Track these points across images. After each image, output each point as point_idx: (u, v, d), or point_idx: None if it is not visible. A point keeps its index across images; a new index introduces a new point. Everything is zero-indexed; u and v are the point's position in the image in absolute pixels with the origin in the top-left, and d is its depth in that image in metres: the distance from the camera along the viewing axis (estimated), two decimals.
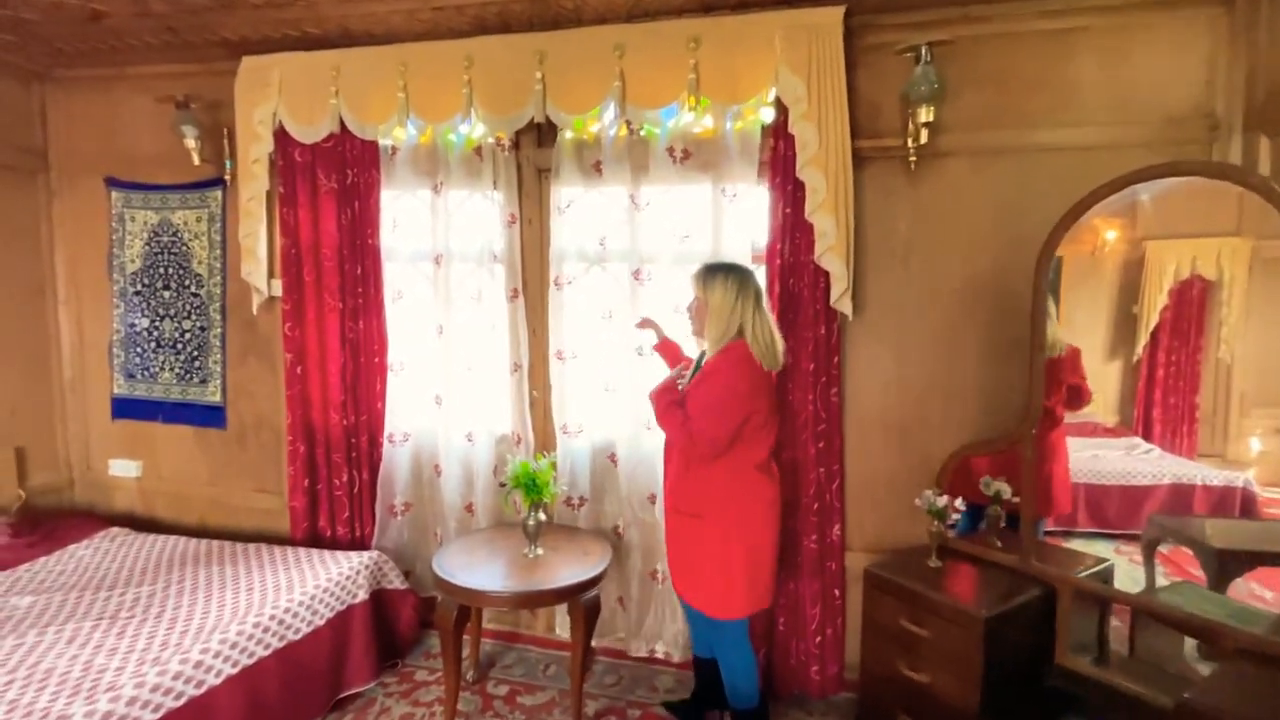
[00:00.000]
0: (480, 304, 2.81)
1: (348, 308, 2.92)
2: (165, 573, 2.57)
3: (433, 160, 2.84)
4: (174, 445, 3.30)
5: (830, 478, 2.51)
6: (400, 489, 2.91)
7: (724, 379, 1.98)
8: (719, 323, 2.00)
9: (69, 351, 3.37)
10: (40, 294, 3.29)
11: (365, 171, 2.84)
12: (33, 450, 3.26)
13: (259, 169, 2.90)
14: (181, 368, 3.23)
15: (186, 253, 3.19)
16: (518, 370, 2.80)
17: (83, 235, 3.31)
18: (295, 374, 2.97)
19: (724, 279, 2.02)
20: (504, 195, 2.76)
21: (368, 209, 2.85)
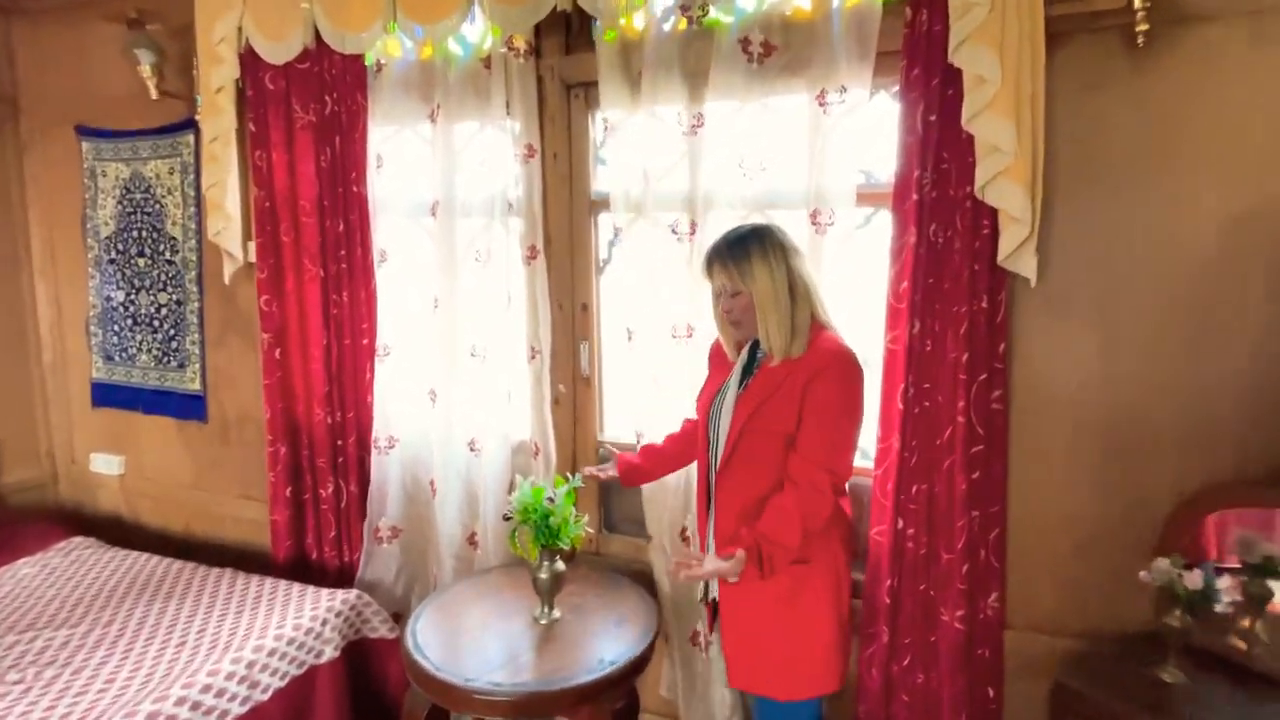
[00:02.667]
0: (488, 268, 1.98)
1: (330, 275, 2.16)
2: (98, 609, 1.95)
3: (429, 80, 2.02)
4: (157, 439, 2.66)
5: (987, 525, 1.56)
6: (390, 509, 2.13)
7: (843, 391, 1.35)
8: (781, 315, 1.34)
9: (47, 330, 2.77)
10: (14, 262, 2.71)
11: (348, 98, 2.05)
12: (10, 441, 2.70)
13: (224, 100, 2.16)
14: (159, 349, 2.57)
15: (160, 212, 2.50)
16: (536, 357, 1.96)
17: (57, 194, 2.69)
18: (274, 359, 2.24)
19: (761, 254, 1.35)
20: (521, 121, 1.90)
21: (351, 146, 2.07)
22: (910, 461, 1.61)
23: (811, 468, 1.30)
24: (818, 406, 1.30)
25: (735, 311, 1.38)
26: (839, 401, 1.31)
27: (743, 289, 1.34)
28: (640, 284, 1.85)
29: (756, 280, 1.32)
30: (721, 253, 1.36)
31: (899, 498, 1.62)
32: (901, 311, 1.57)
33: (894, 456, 1.61)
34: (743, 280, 1.33)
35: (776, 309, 1.32)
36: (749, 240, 1.35)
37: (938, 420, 1.58)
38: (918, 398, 1.59)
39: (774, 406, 1.32)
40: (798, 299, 1.33)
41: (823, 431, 1.30)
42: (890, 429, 1.61)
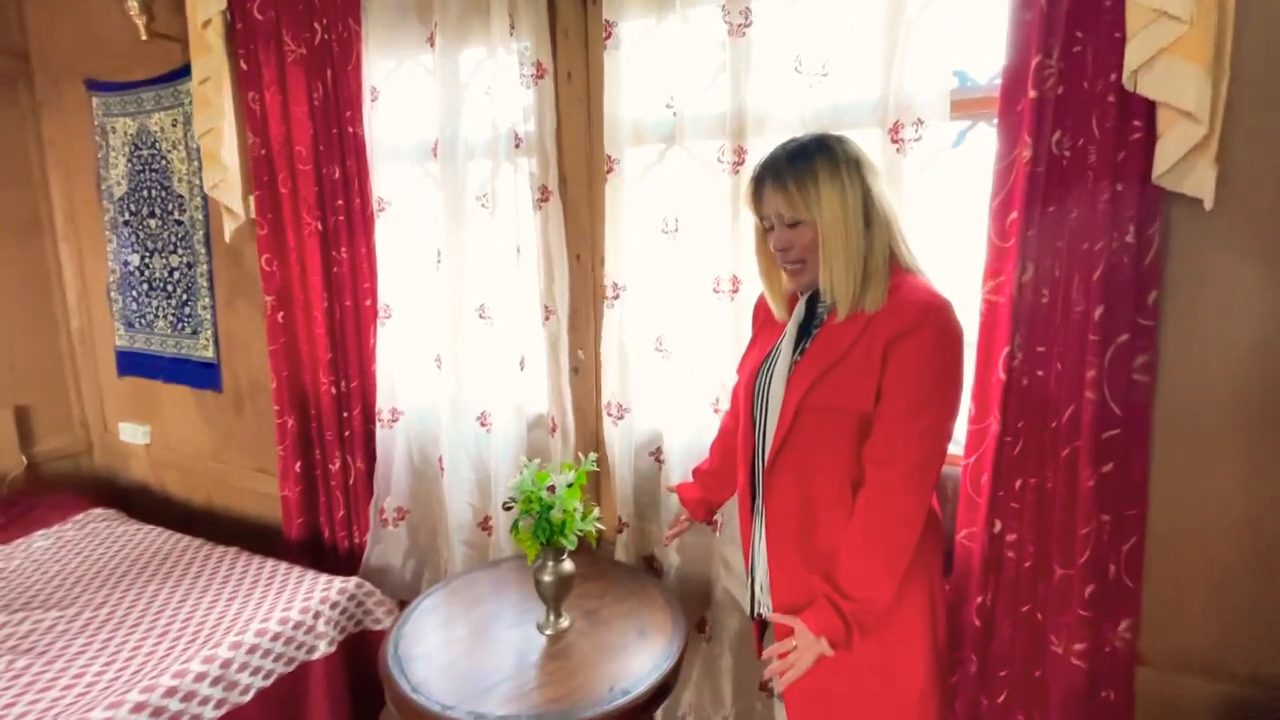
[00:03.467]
0: (495, 215, 1.67)
1: (329, 228, 1.89)
2: (94, 590, 1.83)
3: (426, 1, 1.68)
4: (178, 408, 2.52)
5: (1121, 533, 1.17)
6: (395, 488, 1.89)
7: (940, 358, 0.98)
8: (851, 253, 0.98)
9: (74, 296, 2.66)
10: (37, 229, 2.58)
11: (339, 22, 1.77)
12: (42, 410, 2.61)
13: (212, 36, 1.92)
14: (174, 314, 2.41)
15: (166, 168, 2.31)
16: (550, 318, 1.64)
17: (73, 154, 2.55)
18: (277, 322, 2.02)
19: (831, 170, 0.98)
20: (529, 38, 1.56)
21: (346, 80, 1.79)
22: (1014, 448, 1.22)
23: (897, 471, 0.95)
24: (906, 380, 0.95)
25: (795, 250, 1.01)
26: (934, 372, 0.95)
27: (805, 217, 0.99)
28: (673, 229, 1.50)
29: (824, 205, 0.97)
30: (778, 168, 1.00)
31: (996, 493, 1.24)
32: (1008, 251, 1.17)
33: (991, 441, 1.23)
34: (805, 205, 0.98)
35: (846, 246, 0.97)
36: (815, 152, 0.99)
37: (1055, 395, 1.18)
38: (1027, 365, 1.20)
39: (843, 376, 0.98)
40: (875, 232, 0.99)
41: (914, 417, 0.95)
42: (987, 406, 1.23)
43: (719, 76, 1.47)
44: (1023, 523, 1.23)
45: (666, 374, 1.55)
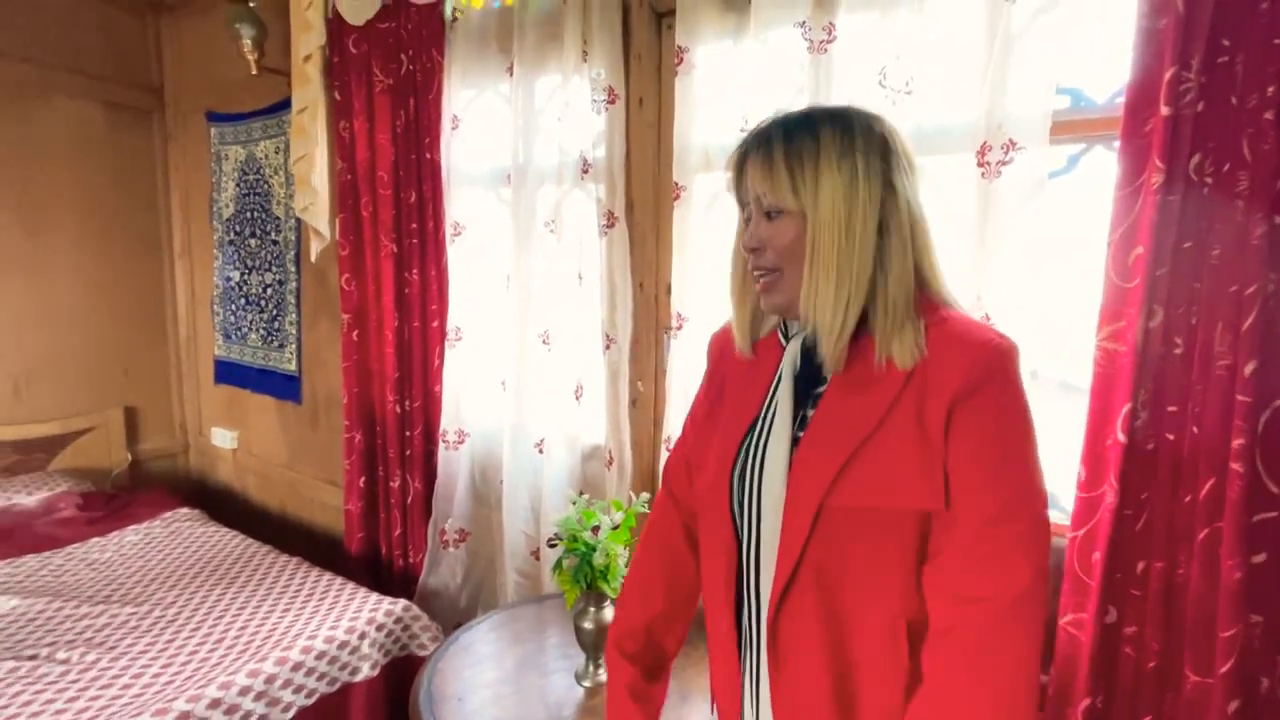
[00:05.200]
0: (561, 240, 1.62)
1: (402, 250, 1.92)
2: (166, 589, 1.89)
3: (505, 28, 1.70)
4: (263, 417, 2.63)
5: (1278, 638, 0.92)
6: (457, 510, 1.85)
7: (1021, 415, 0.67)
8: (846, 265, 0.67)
9: (183, 308, 2.86)
10: (157, 246, 2.80)
11: (424, 54, 1.80)
12: (148, 411, 2.79)
13: (311, 70, 2.01)
14: (265, 328, 2.52)
15: (267, 192, 2.45)
16: (612, 346, 1.57)
17: (191, 179, 2.75)
18: (352, 340, 2.06)
19: (841, 145, 0.67)
20: (602, 64, 1.53)
21: (426, 107, 1.82)
22: (1135, 524, 1.03)
23: (1001, 604, 0.63)
24: (989, 465, 0.64)
25: (769, 252, 0.70)
26: (1019, 443, 0.66)
27: (788, 205, 0.68)
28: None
29: (820, 193, 0.66)
30: (769, 135, 0.69)
31: (1111, 576, 1.05)
32: (1131, 292, 1.00)
33: (1106, 513, 1.04)
34: (792, 188, 0.67)
35: (840, 256, 0.66)
36: (824, 121, 0.68)
37: (1189, 464, 0.98)
38: (1154, 426, 1.01)
39: (885, 457, 0.66)
40: (890, 246, 0.67)
41: (1011, 517, 0.64)
42: (1101, 471, 1.04)
43: (797, 98, 1.38)
44: (1145, 615, 1.02)
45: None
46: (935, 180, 1.23)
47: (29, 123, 2.45)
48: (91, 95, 2.61)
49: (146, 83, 2.77)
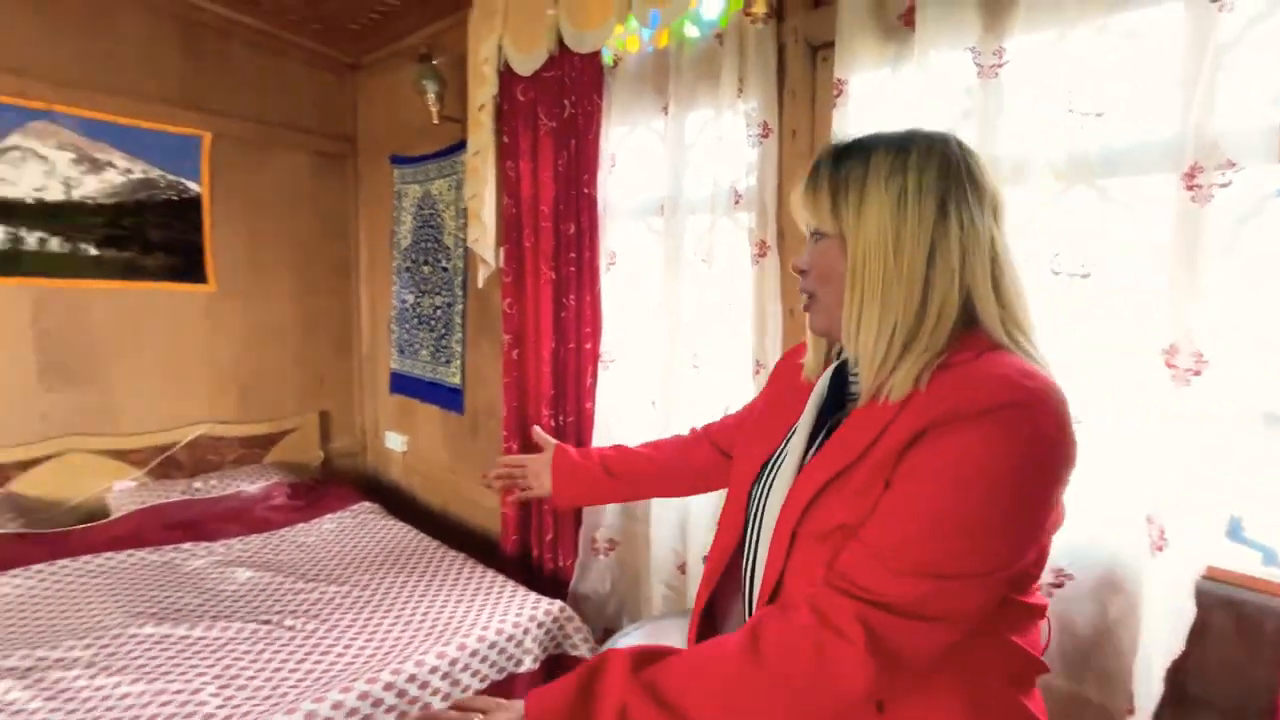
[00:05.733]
0: (712, 268, 1.70)
1: (560, 278, 2.08)
2: (360, 572, 2.16)
3: (662, 70, 1.83)
4: (429, 424, 2.94)
5: None
6: (607, 519, 1.98)
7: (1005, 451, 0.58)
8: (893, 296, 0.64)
9: (366, 326, 3.26)
10: (347, 272, 3.23)
11: (585, 98, 1.96)
12: (336, 415, 3.22)
13: (485, 117, 2.25)
14: (434, 345, 2.83)
15: (440, 225, 2.75)
16: (761, 371, 1.62)
17: (377, 214, 3.15)
18: (512, 359, 2.27)
19: (889, 168, 0.65)
20: (756, 99, 1.59)
21: (585, 147, 1.97)
22: None
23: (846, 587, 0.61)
24: (924, 472, 0.61)
25: (810, 275, 0.72)
26: (983, 482, 0.58)
27: (828, 229, 0.68)
28: None
29: (864, 217, 0.65)
30: (822, 161, 0.71)
31: None
32: None
33: None
34: (833, 211, 0.67)
35: (886, 285, 0.64)
36: (879, 146, 0.67)
37: None
38: None
39: (853, 488, 0.65)
40: (936, 276, 0.64)
41: (916, 522, 0.60)
42: None
43: (962, 124, 1.35)
44: None
45: None
46: (1127, 204, 1.16)
47: (256, 171, 2.93)
48: (302, 146, 3.07)
49: (343, 132, 3.21)
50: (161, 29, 2.63)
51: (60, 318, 2.47)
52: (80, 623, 1.76)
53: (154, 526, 2.35)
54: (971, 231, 0.64)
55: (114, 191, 2.55)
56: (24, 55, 2.34)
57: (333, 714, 1.39)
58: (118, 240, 2.57)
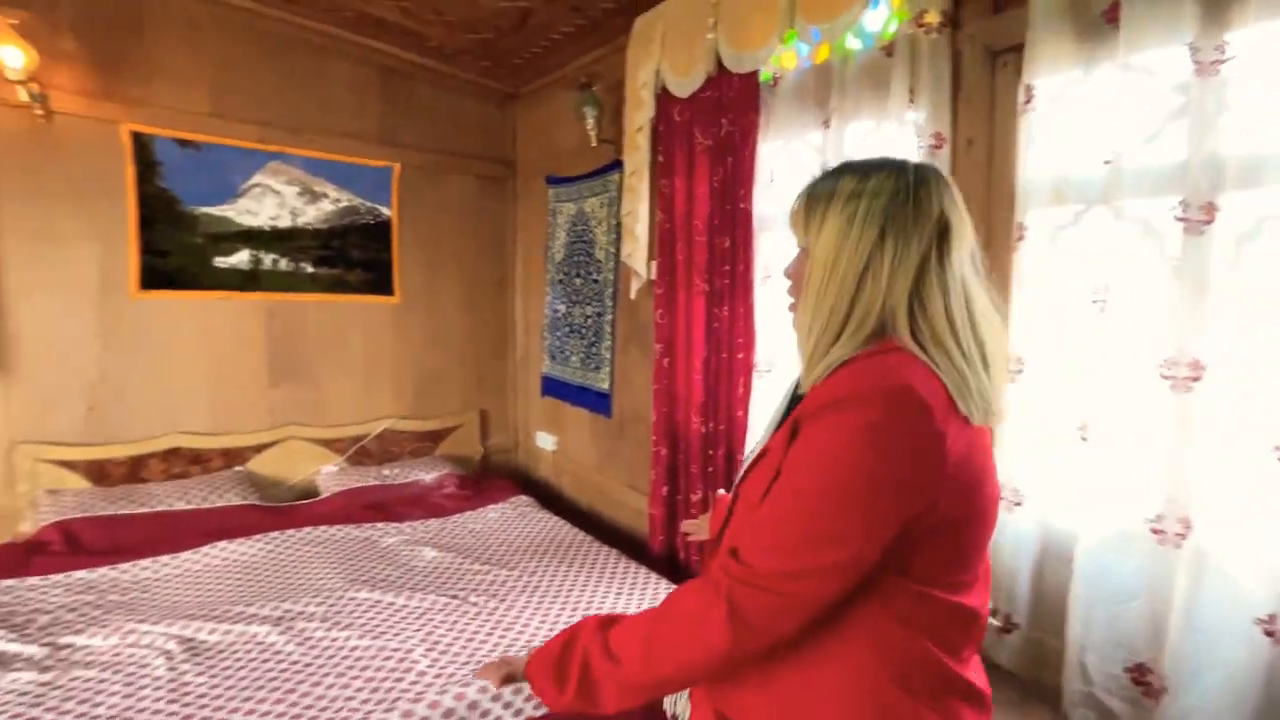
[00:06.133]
0: None
1: (714, 290, 2.16)
2: (526, 559, 2.35)
3: (823, 84, 1.85)
4: (577, 426, 3.14)
5: None
6: None
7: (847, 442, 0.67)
8: (824, 300, 0.74)
9: (520, 333, 3.54)
10: (504, 284, 3.53)
11: (741, 117, 2.03)
12: (493, 414, 3.53)
13: (641, 139, 2.39)
14: (584, 352, 3.02)
15: (592, 240, 2.94)
16: None
17: (532, 231, 3.41)
18: (662, 367, 2.38)
19: (852, 190, 0.74)
20: (926, 109, 1.57)
21: (741, 164, 2.04)
22: None
23: (730, 561, 0.71)
24: (791, 462, 0.70)
25: (791, 283, 0.83)
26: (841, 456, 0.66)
27: (801, 240, 0.80)
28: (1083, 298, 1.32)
29: (823, 232, 0.74)
30: (807, 184, 0.81)
31: None
32: None
33: None
34: (805, 227, 0.78)
35: (822, 290, 0.74)
36: (847, 170, 0.77)
37: None
38: None
39: (755, 479, 0.77)
40: (865, 287, 0.72)
41: (778, 505, 0.69)
42: None
43: (1171, 124, 1.26)
44: None
45: (1084, 465, 1.34)
46: None
47: (433, 195, 3.29)
48: (469, 171, 3.40)
49: (504, 157, 3.52)
50: (365, 77, 3.04)
51: (285, 326, 2.93)
52: (309, 583, 2.08)
53: (354, 506, 2.71)
54: (904, 254, 0.71)
55: (327, 218, 2.98)
56: (265, 108, 2.81)
57: (524, 684, 1.55)
58: (328, 259, 3.00)
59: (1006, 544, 1.47)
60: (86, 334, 2.52)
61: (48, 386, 2.46)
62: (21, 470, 2.42)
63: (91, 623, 1.76)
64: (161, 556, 2.17)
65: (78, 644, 1.66)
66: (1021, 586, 1.47)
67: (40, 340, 2.44)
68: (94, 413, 2.54)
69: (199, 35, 2.65)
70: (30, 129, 2.37)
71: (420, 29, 2.84)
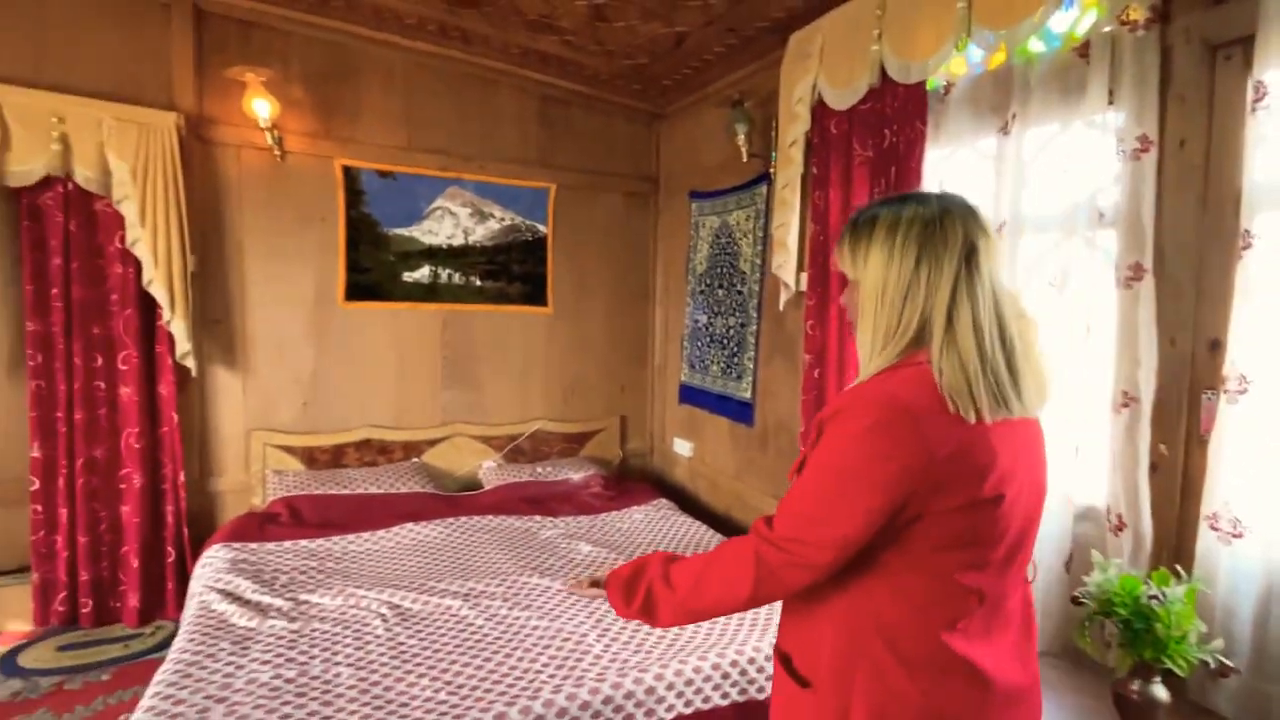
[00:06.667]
0: (1063, 294, 1.62)
1: None
2: None
3: (1002, 89, 1.80)
4: (715, 434, 3.21)
5: None
6: None
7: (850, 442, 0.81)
8: (879, 322, 0.85)
9: (659, 343, 3.68)
10: (645, 296, 3.68)
11: (907, 126, 2.01)
12: (632, 420, 3.68)
13: (795, 152, 2.43)
14: (725, 362, 3.09)
15: (736, 252, 3.01)
16: (1129, 405, 1.50)
17: (673, 244, 3.54)
18: (812, 378, 2.39)
19: (889, 226, 0.86)
20: (1127, 112, 1.49)
21: (906, 174, 2.02)
22: None
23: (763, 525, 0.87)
24: (811, 456, 0.86)
25: (848, 311, 0.96)
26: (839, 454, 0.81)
27: (851, 275, 0.91)
28: None
29: (870, 264, 0.86)
30: (849, 224, 0.92)
31: None
32: None
33: None
34: (853, 260, 0.89)
35: (876, 314, 0.85)
36: (887, 206, 0.88)
37: None
38: None
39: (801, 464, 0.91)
40: (909, 302, 0.83)
41: (797, 488, 0.85)
42: None
43: None
44: None
45: None
46: None
47: (583, 212, 3.51)
48: (616, 189, 3.59)
49: (648, 174, 3.67)
50: (527, 105, 3.32)
51: (456, 334, 3.25)
52: (484, 566, 2.30)
53: (513, 500, 2.94)
54: (935, 277, 0.82)
55: (492, 236, 3.28)
56: (445, 139, 3.15)
57: (693, 677, 1.63)
58: (493, 273, 3.29)
59: (1223, 579, 1.34)
60: (303, 340, 2.95)
61: (274, 384, 2.91)
62: (254, 453, 2.88)
63: (319, 585, 2.07)
64: (363, 533, 2.49)
65: (312, 601, 1.96)
66: (1241, 627, 1.33)
67: (269, 345, 2.89)
68: (307, 407, 2.97)
69: (394, 79, 3.04)
70: (270, 167, 2.83)
71: (580, 59, 3.06)
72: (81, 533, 2.46)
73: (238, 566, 2.14)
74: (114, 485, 2.53)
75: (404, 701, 1.47)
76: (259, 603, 1.92)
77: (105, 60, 2.52)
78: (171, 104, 2.60)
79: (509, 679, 1.57)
